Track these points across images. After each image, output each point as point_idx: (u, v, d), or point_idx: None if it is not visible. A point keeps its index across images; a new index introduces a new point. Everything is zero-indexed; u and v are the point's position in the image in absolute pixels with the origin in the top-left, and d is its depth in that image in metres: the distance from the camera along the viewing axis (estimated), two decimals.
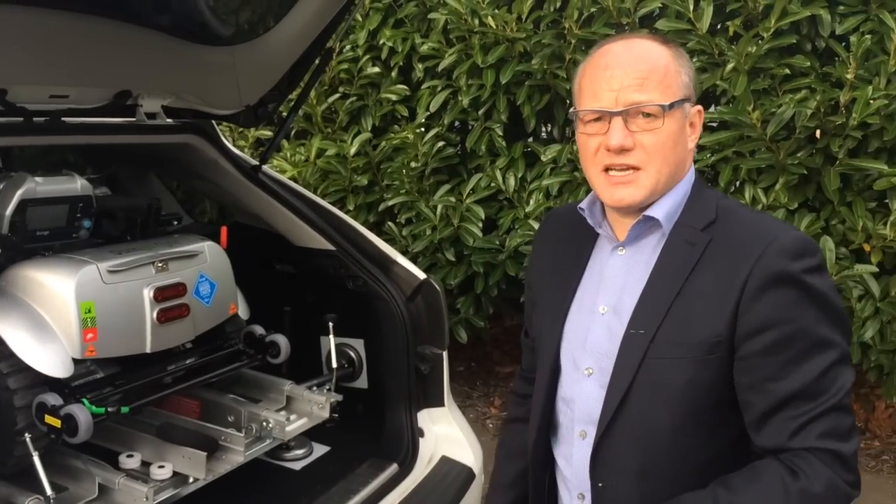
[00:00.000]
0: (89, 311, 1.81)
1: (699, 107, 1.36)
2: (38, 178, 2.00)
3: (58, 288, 1.80)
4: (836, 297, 1.26)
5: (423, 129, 3.99)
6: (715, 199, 1.35)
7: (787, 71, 3.17)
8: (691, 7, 3.26)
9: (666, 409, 1.28)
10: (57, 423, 1.71)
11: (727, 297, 1.24)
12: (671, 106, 1.28)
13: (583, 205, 1.43)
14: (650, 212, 1.33)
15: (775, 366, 1.22)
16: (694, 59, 3.34)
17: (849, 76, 3.04)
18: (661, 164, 1.29)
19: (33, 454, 1.67)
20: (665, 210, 1.33)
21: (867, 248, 3.15)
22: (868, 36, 3.06)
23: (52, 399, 1.75)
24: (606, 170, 1.32)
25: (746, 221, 1.32)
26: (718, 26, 3.41)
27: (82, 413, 1.71)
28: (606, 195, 1.34)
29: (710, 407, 1.28)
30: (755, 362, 1.23)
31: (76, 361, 1.81)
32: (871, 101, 2.94)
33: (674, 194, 1.34)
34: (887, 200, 3.12)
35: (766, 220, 1.36)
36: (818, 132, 3.14)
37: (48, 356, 1.77)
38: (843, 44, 3.20)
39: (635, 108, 1.27)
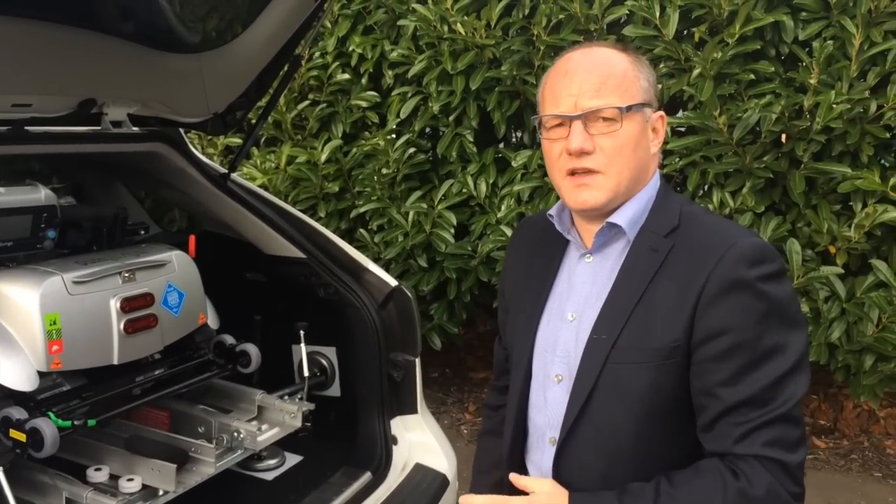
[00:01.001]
0: (54, 323, 1.78)
1: (661, 112, 1.38)
2: (0, 189, 1.97)
3: (22, 300, 1.77)
4: (793, 305, 1.27)
5: (393, 136, 3.99)
6: (679, 205, 1.36)
7: (752, 76, 3.22)
8: (657, 14, 3.30)
9: (627, 414, 1.29)
10: (22, 437, 1.68)
11: (685, 302, 1.25)
12: (629, 109, 1.30)
13: (552, 211, 1.44)
14: (613, 218, 1.34)
15: (727, 372, 1.23)
16: (661, 65, 3.38)
17: (812, 81, 3.09)
18: (621, 167, 1.31)
19: None
20: (628, 217, 1.34)
21: (832, 249, 3.20)
22: (830, 41, 3.11)
23: (17, 413, 1.71)
24: (570, 174, 1.33)
25: (707, 227, 1.33)
26: (684, 32, 3.45)
27: (48, 427, 1.68)
28: (570, 198, 1.35)
29: (670, 412, 1.29)
30: (708, 367, 1.24)
31: (41, 374, 1.79)
32: (834, 106, 2.99)
33: (637, 200, 1.35)
34: (851, 203, 3.18)
35: (726, 226, 1.37)
36: (783, 136, 3.19)
37: (12, 369, 1.74)
38: (806, 49, 3.26)
39: (594, 111, 1.29)
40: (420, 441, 2.39)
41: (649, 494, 1.23)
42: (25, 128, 2.01)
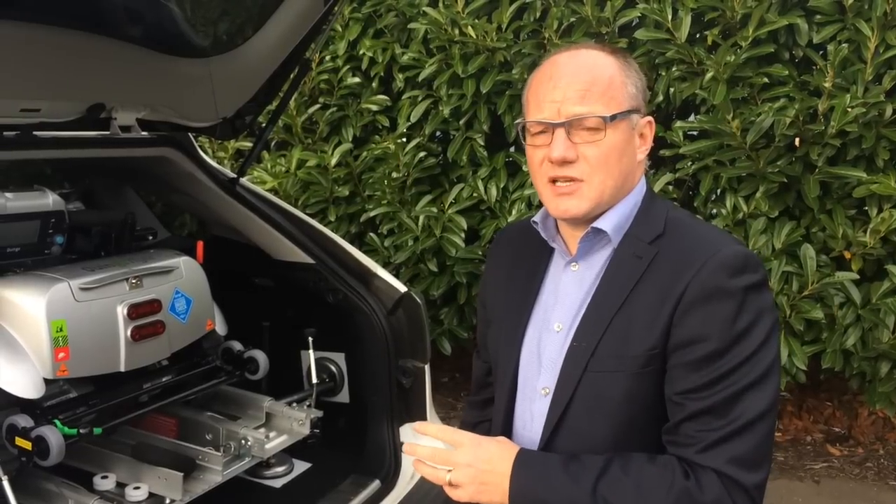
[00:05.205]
0: (61, 330, 1.77)
1: (650, 118, 1.34)
2: (8, 194, 1.97)
3: (28, 306, 1.77)
4: (770, 317, 1.23)
5: (404, 140, 3.98)
6: (665, 211, 1.34)
7: (766, 80, 3.19)
8: (670, 17, 3.27)
9: (605, 423, 1.26)
10: (28, 445, 1.68)
11: (664, 309, 1.22)
12: (613, 118, 1.26)
13: (536, 218, 1.40)
14: (598, 224, 1.31)
15: (699, 380, 1.20)
16: (673, 69, 3.35)
17: (827, 85, 3.06)
18: (605, 176, 1.28)
19: (3, 478, 1.63)
20: (613, 222, 1.31)
21: (848, 255, 3.16)
22: (845, 45, 3.07)
23: (23, 421, 1.71)
24: (552, 181, 1.30)
25: (692, 235, 1.30)
26: (697, 35, 3.42)
27: (53, 435, 1.68)
28: (552, 206, 1.32)
29: (648, 421, 1.26)
30: (680, 373, 1.22)
31: (48, 381, 1.78)
32: (849, 110, 2.96)
33: (622, 206, 1.32)
34: (866, 208, 3.14)
35: (712, 233, 1.33)
36: (797, 140, 3.15)
37: (19, 377, 1.73)
38: (821, 52, 3.22)
39: (577, 119, 1.26)
40: None
41: (595, 469, 1.21)
42: (34, 133, 2.00)
